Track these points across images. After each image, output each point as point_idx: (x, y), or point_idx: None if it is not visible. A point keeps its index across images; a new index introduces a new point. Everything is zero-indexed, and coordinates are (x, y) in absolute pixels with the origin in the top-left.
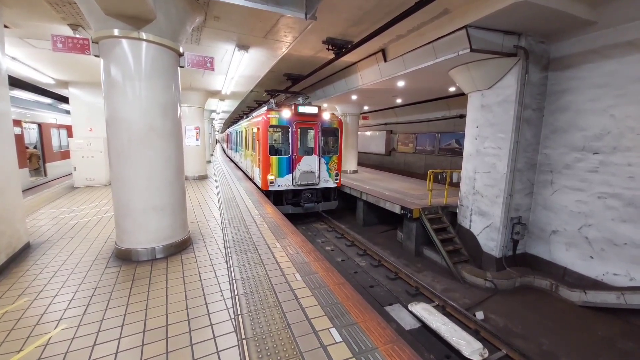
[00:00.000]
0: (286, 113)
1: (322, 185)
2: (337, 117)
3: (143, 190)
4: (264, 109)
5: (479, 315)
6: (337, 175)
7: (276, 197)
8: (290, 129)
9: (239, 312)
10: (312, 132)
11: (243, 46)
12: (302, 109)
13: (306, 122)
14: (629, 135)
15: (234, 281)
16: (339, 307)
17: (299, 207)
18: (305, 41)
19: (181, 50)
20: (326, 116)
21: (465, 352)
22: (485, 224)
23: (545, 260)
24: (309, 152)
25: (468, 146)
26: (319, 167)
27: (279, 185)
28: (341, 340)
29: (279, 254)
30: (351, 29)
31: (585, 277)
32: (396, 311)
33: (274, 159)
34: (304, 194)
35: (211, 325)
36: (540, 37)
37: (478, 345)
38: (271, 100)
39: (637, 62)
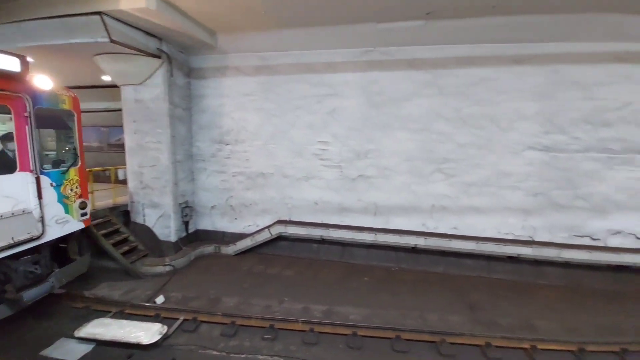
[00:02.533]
0: None
1: (54, 234)
2: (68, 90)
3: None
4: None
5: (159, 300)
6: (83, 205)
7: None
8: None
9: None
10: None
11: None
12: None
13: None
14: (243, 132)
15: None
16: None
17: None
18: None
19: None
20: (43, 84)
21: (145, 340)
22: (158, 214)
23: (211, 231)
24: (9, 165)
25: (129, 141)
26: (40, 198)
27: None
28: None
29: None
30: None
31: (235, 233)
32: (60, 348)
33: None
34: (16, 269)
35: None
36: (179, 47)
37: (157, 326)
38: None
39: (243, 82)
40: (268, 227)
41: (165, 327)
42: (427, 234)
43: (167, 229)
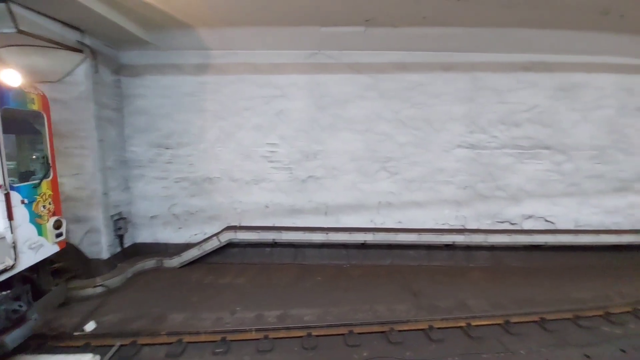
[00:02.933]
0: None
1: (27, 262)
2: (36, 87)
3: None
4: None
5: (90, 326)
6: (58, 224)
7: None
8: None
9: None
10: None
11: None
12: None
13: None
14: (186, 135)
15: None
16: None
17: None
18: None
19: None
20: (11, 80)
21: None
22: (84, 229)
23: (152, 243)
24: None
25: None
26: (11, 219)
27: None
28: None
29: None
30: None
31: (180, 244)
32: None
33: None
34: None
35: None
36: (106, 41)
37: (87, 357)
38: None
39: (184, 81)
40: (217, 234)
41: (98, 357)
42: (375, 229)
43: (96, 246)
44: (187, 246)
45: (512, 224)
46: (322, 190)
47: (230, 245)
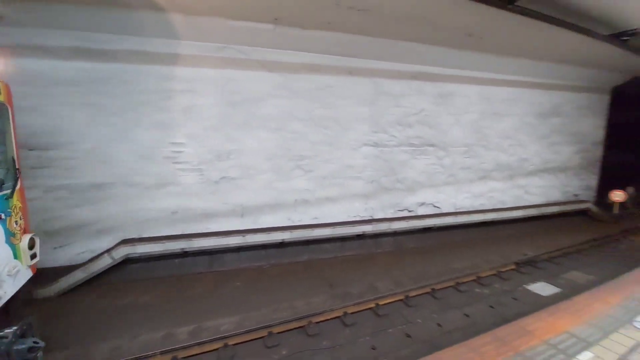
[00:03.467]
0: None
1: (10, 292)
2: None
3: None
4: None
5: None
6: (32, 244)
7: None
8: None
9: None
10: None
11: None
12: None
13: None
14: (64, 134)
15: None
16: None
17: None
18: None
19: None
20: None
21: None
22: None
23: None
24: None
25: None
26: None
27: None
28: None
29: None
30: None
31: (59, 267)
32: None
33: None
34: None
35: None
36: None
37: None
38: None
39: (57, 67)
40: (108, 250)
41: None
42: (293, 227)
43: None
44: (69, 269)
45: (409, 211)
46: (237, 191)
47: (129, 261)
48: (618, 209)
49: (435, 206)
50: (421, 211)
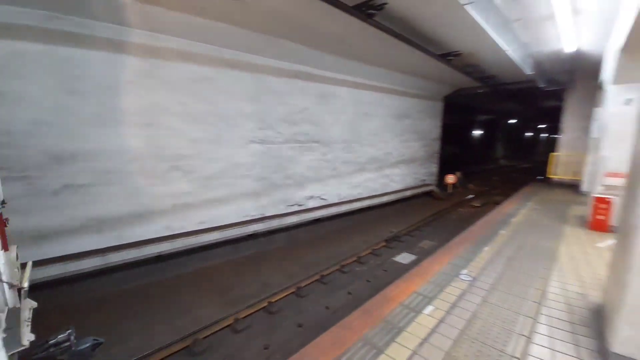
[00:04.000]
0: None
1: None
2: None
3: None
4: None
5: None
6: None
7: None
8: None
9: None
10: None
11: None
12: None
13: None
14: None
15: None
16: None
17: None
18: None
19: None
20: None
21: None
22: None
23: None
24: None
25: None
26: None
27: None
28: None
29: None
30: None
31: None
32: None
33: None
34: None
35: None
36: None
37: None
38: None
39: None
40: None
41: None
42: (172, 236)
43: None
44: None
45: (299, 205)
46: (88, 203)
47: None
48: (451, 189)
49: (322, 198)
50: (310, 204)
